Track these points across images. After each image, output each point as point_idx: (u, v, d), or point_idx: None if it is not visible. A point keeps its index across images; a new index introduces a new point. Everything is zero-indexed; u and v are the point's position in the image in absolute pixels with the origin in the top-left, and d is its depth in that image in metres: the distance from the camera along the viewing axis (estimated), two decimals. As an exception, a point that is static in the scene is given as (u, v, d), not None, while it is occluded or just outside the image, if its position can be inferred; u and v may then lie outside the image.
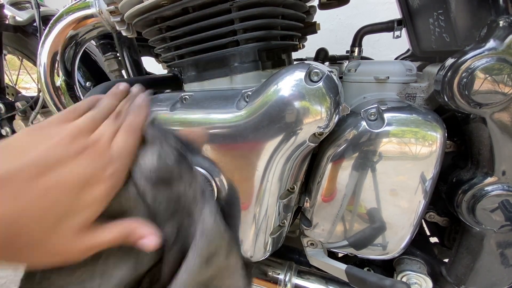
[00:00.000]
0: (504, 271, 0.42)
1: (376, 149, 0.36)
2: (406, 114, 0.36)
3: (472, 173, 0.39)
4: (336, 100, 0.32)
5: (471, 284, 0.44)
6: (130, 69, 0.63)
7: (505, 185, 0.37)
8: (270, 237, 0.43)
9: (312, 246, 0.48)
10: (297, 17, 0.43)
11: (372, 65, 0.43)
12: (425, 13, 0.42)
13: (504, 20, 0.30)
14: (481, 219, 0.38)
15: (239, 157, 0.36)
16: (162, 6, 0.35)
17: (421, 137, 0.35)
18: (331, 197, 0.41)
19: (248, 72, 0.38)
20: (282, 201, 0.40)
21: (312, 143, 0.34)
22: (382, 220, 0.40)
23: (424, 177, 0.36)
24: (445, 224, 0.48)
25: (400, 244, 0.42)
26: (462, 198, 0.39)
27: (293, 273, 0.54)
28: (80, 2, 0.51)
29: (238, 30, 0.36)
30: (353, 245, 0.44)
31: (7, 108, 0.84)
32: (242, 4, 0.34)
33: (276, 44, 0.40)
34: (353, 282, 0.45)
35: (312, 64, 0.32)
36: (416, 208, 0.39)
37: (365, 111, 0.37)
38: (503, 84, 0.31)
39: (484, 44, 0.31)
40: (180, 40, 0.39)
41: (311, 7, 0.52)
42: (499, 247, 0.41)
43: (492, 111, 0.33)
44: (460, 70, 0.32)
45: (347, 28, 1.17)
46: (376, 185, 0.38)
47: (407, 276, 0.47)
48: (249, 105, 0.34)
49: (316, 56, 0.62)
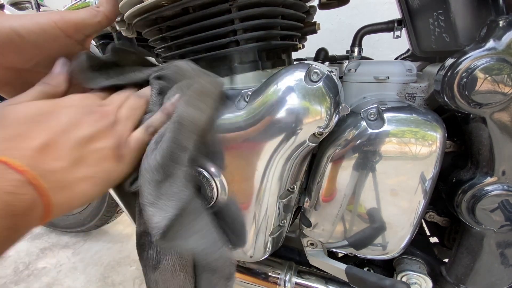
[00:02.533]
0: (504, 271, 0.42)
1: (376, 149, 0.36)
2: (406, 114, 0.36)
3: (472, 173, 0.39)
4: (336, 100, 0.32)
5: (471, 284, 0.44)
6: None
7: (505, 185, 0.37)
8: (270, 237, 0.43)
9: (312, 246, 0.48)
10: (297, 17, 0.43)
11: (372, 65, 0.43)
12: (425, 13, 0.42)
13: (504, 20, 0.30)
14: (481, 219, 0.38)
15: (239, 157, 0.36)
16: (162, 6, 0.35)
17: (421, 137, 0.35)
18: (331, 197, 0.41)
19: (248, 72, 0.38)
20: (282, 201, 0.40)
21: (312, 143, 0.34)
22: (382, 220, 0.40)
23: (424, 177, 0.36)
24: (445, 224, 0.48)
25: (400, 244, 0.42)
26: (462, 198, 0.39)
27: (293, 273, 0.54)
28: (80, 2, 0.51)
29: (238, 30, 0.36)
30: (353, 245, 0.44)
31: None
32: (242, 4, 0.34)
33: (276, 44, 0.40)
34: (353, 282, 0.45)
35: (312, 64, 0.32)
36: (416, 208, 0.39)
37: (365, 111, 0.37)
38: (503, 84, 0.31)
39: (484, 44, 0.31)
40: (180, 40, 0.39)
41: (311, 7, 0.52)
42: (499, 247, 0.41)
43: (492, 111, 0.33)
44: (460, 70, 0.32)
45: (347, 28, 1.17)
46: (376, 185, 0.38)
47: (407, 276, 0.47)
48: (249, 105, 0.34)
49: (316, 56, 0.62)
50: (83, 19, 0.31)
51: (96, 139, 0.26)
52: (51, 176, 0.22)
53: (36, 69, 0.31)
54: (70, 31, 0.30)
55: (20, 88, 0.32)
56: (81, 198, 0.25)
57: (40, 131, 0.24)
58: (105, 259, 1.03)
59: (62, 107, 0.27)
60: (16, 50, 0.28)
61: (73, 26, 0.30)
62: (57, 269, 0.99)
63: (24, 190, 0.20)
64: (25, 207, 0.20)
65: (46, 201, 0.22)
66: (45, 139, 0.23)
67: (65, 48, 0.31)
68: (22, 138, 0.23)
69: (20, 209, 0.20)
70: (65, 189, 0.24)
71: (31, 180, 0.21)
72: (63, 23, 0.29)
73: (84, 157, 0.25)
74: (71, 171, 0.24)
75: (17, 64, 0.29)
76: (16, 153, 0.21)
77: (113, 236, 1.15)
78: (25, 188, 0.20)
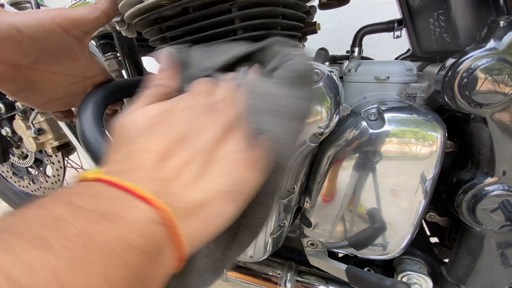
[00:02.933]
0: (504, 271, 0.42)
1: (377, 149, 0.36)
2: (406, 114, 0.36)
3: (473, 173, 0.39)
4: (336, 100, 0.32)
5: (471, 284, 0.44)
6: (130, 69, 0.63)
7: (505, 185, 0.37)
8: (270, 237, 0.43)
9: (312, 246, 0.48)
10: (297, 17, 0.43)
11: (372, 65, 0.43)
12: (425, 13, 0.42)
13: (504, 20, 0.30)
14: (481, 219, 0.38)
15: (239, 157, 0.36)
16: (162, 6, 0.35)
17: (421, 137, 0.35)
18: (331, 197, 0.41)
19: (248, 72, 0.38)
20: (282, 201, 0.40)
21: (312, 143, 0.34)
22: (383, 220, 0.40)
23: (424, 177, 0.36)
24: (445, 224, 0.48)
25: (400, 244, 0.42)
26: (463, 198, 0.39)
27: (293, 273, 0.54)
28: (79, 2, 0.51)
29: (238, 30, 0.36)
30: (353, 245, 0.44)
31: (7, 108, 0.84)
32: (242, 4, 0.34)
33: (276, 44, 0.40)
34: (353, 282, 0.45)
35: (313, 64, 0.32)
36: (416, 208, 0.39)
37: (365, 111, 0.37)
38: (503, 84, 0.31)
39: (485, 44, 0.31)
40: (180, 40, 0.39)
41: (311, 7, 0.52)
42: (499, 247, 0.41)
43: (492, 111, 0.33)
44: (461, 70, 0.31)
45: (347, 28, 1.17)
46: (376, 185, 0.38)
47: (407, 276, 0.47)
48: (249, 105, 0.34)
49: (316, 56, 0.62)
50: (81, 15, 0.31)
51: (224, 142, 0.21)
52: (176, 200, 0.17)
53: (36, 66, 0.31)
54: (68, 27, 0.30)
55: (21, 85, 0.32)
56: (216, 222, 0.19)
57: (159, 140, 0.19)
58: (105, 259, 1.03)
59: (179, 109, 0.22)
60: (15, 45, 0.28)
61: (71, 22, 0.30)
62: (57, 269, 0.99)
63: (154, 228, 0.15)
64: (154, 248, 0.14)
65: (175, 236, 0.16)
66: (163, 149, 0.19)
67: (63, 44, 0.31)
68: (143, 153, 0.18)
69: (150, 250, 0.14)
70: (194, 214, 0.17)
71: (159, 212, 0.15)
72: (61, 18, 0.29)
73: (211, 168, 0.19)
74: (199, 188, 0.18)
75: (16, 60, 0.30)
76: (136, 176, 0.17)
77: (113, 236, 1.15)
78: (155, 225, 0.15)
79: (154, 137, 0.19)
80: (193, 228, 0.17)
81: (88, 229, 0.12)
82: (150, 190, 0.16)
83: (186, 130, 0.20)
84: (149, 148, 0.18)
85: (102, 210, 0.14)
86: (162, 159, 0.18)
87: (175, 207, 0.16)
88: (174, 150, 0.19)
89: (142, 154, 0.18)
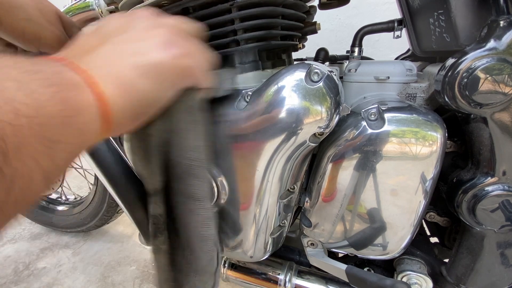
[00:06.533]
0: (504, 271, 0.42)
1: (377, 149, 0.36)
2: (406, 114, 0.36)
3: (473, 173, 0.39)
4: (336, 100, 0.32)
5: (471, 284, 0.44)
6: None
7: (505, 185, 0.37)
8: (270, 237, 0.43)
9: (312, 246, 0.48)
10: (297, 17, 0.43)
11: (373, 65, 0.43)
12: (425, 13, 0.42)
13: (504, 20, 0.30)
14: (481, 219, 0.38)
15: (240, 157, 0.36)
16: (162, 6, 0.35)
17: (421, 137, 0.35)
18: (331, 197, 0.41)
19: (249, 72, 0.38)
20: (282, 201, 0.40)
21: (312, 143, 0.34)
22: (383, 220, 0.40)
23: (424, 177, 0.36)
24: (445, 224, 0.48)
25: (400, 244, 0.42)
26: (463, 198, 0.39)
27: (293, 273, 0.54)
28: (80, 2, 0.51)
29: (238, 30, 0.36)
30: (353, 245, 0.44)
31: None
32: (242, 4, 0.34)
33: (276, 44, 0.40)
34: (353, 282, 0.45)
35: (313, 64, 0.32)
36: (416, 208, 0.39)
37: (365, 111, 0.37)
38: (503, 84, 0.31)
39: (485, 44, 0.31)
40: (180, 40, 0.38)
41: (311, 7, 0.52)
42: (499, 247, 0.41)
43: (492, 111, 0.33)
44: (461, 70, 0.31)
45: (347, 28, 1.17)
46: (376, 185, 0.38)
47: (407, 276, 0.47)
48: (249, 105, 0.34)
49: (316, 56, 0.62)
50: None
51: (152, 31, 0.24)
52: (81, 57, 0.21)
53: None
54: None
55: None
56: (136, 89, 0.21)
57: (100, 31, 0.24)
58: (105, 259, 1.03)
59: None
60: None
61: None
62: (57, 269, 0.99)
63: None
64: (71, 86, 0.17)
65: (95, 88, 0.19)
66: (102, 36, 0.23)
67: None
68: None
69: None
70: (105, 66, 0.20)
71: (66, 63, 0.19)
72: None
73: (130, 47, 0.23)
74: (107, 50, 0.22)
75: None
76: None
77: (113, 236, 1.15)
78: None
79: (101, 32, 0.24)
80: (106, 76, 0.20)
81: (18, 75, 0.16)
82: (65, 55, 0.20)
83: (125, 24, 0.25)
84: (89, 37, 0.23)
85: (32, 68, 0.17)
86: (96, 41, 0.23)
87: (77, 58, 0.20)
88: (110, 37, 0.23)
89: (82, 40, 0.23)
